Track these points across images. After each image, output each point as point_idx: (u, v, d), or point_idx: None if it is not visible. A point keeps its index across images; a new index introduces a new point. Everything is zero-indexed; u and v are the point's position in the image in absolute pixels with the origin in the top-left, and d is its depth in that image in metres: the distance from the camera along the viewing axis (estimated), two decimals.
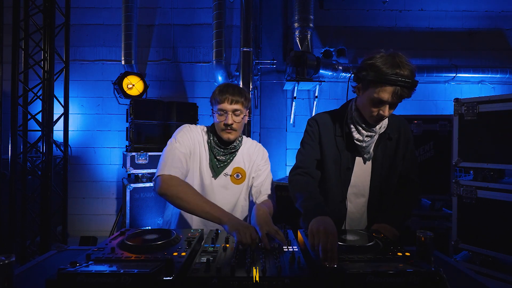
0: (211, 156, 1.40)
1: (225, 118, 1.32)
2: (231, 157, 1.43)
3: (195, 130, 1.43)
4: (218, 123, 1.35)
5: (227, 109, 1.32)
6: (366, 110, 1.21)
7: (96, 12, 4.07)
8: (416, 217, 2.65)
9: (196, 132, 1.42)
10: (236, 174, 1.43)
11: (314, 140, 1.36)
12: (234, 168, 1.44)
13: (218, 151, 1.40)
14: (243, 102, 1.34)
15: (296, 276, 0.77)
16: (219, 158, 1.40)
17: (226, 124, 1.32)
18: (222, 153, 1.40)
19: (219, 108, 1.33)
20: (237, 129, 1.37)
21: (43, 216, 2.95)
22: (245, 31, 3.51)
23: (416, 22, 4.04)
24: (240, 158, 1.46)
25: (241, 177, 1.45)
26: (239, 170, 1.44)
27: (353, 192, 1.36)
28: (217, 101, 1.33)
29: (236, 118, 1.34)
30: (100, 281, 0.73)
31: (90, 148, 4.07)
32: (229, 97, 1.31)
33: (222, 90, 1.33)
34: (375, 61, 1.13)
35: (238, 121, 1.35)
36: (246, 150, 1.49)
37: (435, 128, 2.68)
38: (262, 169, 1.47)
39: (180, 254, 0.89)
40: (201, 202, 1.18)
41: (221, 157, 1.40)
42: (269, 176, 1.49)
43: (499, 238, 2.00)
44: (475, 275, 0.99)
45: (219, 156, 1.40)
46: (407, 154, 1.37)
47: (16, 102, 2.84)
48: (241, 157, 1.47)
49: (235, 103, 1.32)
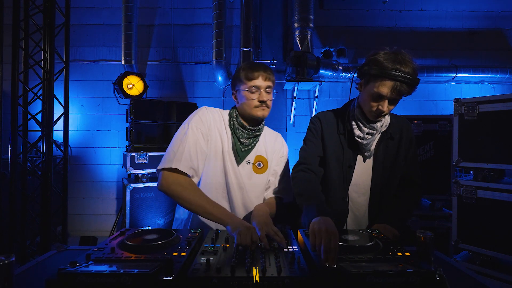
0: (234, 139, 1.33)
1: (258, 95, 1.28)
2: (255, 141, 1.37)
3: (214, 112, 1.35)
4: (251, 101, 1.28)
5: (261, 85, 1.28)
6: (366, 105, 1.23)
7: (96, 12, 4.07)
8: (416, 217, 2.65)
9: (215, 114, 1.35)
10: (258, 163, 1.37)
11: (317, 137, 1.37)
12: (256, 156, 1.37)
13: (242, 133, 1.33)
14: (274, 80, 1.33)
15: (296, 276, 0.77)
16: (243, 141, 1.32)
17: (261, 100, 1.28)
18: (247, 135, 1.33)
19: (252, 85, 1.28)
20: (269, 107, 1.33)
21: (43, 216, 2.95)
22: (245, 31, 3.51)
23: (416, 22, 4.04)
24: (262, 146, 1.41)
25: (263, 166, 1.38)
26: (261, 159, 1.38)
27: (354, 191, 1.36)
28: (249, 78, 1.28)
29: (269, 95, 1.31)
30: (100, 281, 0.73)
31: (90, 148, 4.07)
32: (263, 74, 1.28)
33: (253, 67, 1.29)
34: (378, 56, 1.15)
35: (270, 98, 1.32)
36: (267, 138, 1.44)
37: (435, 128, 2.68)
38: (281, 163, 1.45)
39: (180, 254, 0.89)
40: (204, 202, 1.14)
41: (245, 140, 1.33)
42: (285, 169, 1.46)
43: (499, 238, 2.00)
44: (475, 275, 0.99)
45: (243, 139, 1.32)
46: (409, 155, 1.37)
47: (16, 102, 2.84)
48: (262, 144, 1.41)
49: (268, 80, 1.30)
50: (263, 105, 1.29)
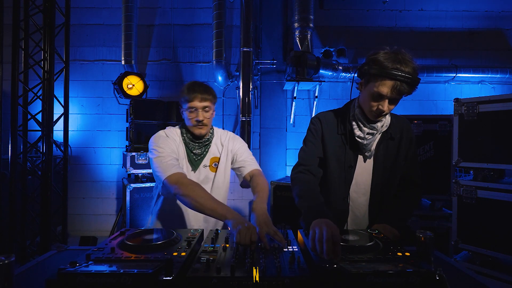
0: (187, 151, 1.49)
1: (196, 115, 1.41)
2: (206, 149, 1.52)
3: (169, 134, 1.49)
4: (189, 120, 1.43)
5: (197, 106, 1.40)
6: (367, 105, 1.23)
7: (96, 12, 4.06)
8: (416, 217, 2.65)
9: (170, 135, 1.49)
10: (214, 164, 1.53)
11: (317, 138, 1.37)
12: (210, 158, 1.53)
13: (193, 146, 1.48)
14: (211, 99, 1.44)
15: (296, 276, 0.77)
16: (195, 152, 1.48)
17: (197, 120, 1.41)
18: (197, 146, 1.49)
19: (190, 106, 1.41)
20: (208, 124, 1.46)
21: (43, 216, 2.95)
22: (245, 31, 3.51)
23: (416, 22, 4.04)
24: (215, 148, 1.55)
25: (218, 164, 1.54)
26: (215, 160, 1.53)
27: (354, 191, 1.36)
28: (187, 100, 1.41)
29: (206, 114, 1.43)
30: (100, 281, 0.73)
31: (90, 148, 4.07)
32: (198, 95, 1.40)
33: (191, 89, 1.41)
34: (378, 56, 1.15)
35: (208, 116, 1.44)
36: (218, 140, 1.57)
37: (435, 128, 2.68)
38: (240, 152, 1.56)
39: (180, 254, 0.89)
40: (208, 200, 1.21)
41: (197, 151, 1.49)
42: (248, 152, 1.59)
43: (499, 238, 2.00)
44: (475, 275, 0.99)
45: (195, 150, 1.48)
46: (409, 155, 1.37)
47: (16, 102, 2.84)
48: (215, 147, 1.55)
49: (204, 101, 1.41)
50: (200, 124, 1.42)
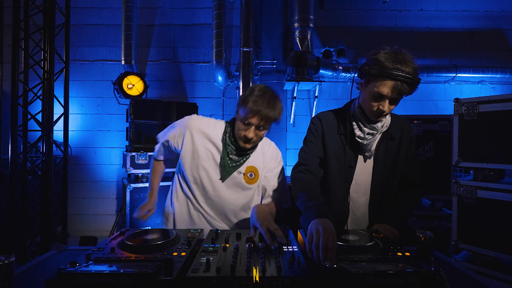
0: (223, 153, 1.32)
1: (247, 130, 1.25)
2: (245, 158, 1.36)
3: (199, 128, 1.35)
4: (239, 131, 1.27)
5: (253, 123, 1.23)
6: (367, 105, 1.23)
7: (96, 12, 4.06)
8: (416, 217, 2.65)
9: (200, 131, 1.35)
10: (250, 173, 1.37)
11: (317, 137, 1.37)
12: (248, 166, 1.37)
13: (231, 150, 1.32)
14: (275, 118, 1.26)
15: (296, 276, 0.76)
16: (231, 157, 1.32)
17: (246, 137, 1.25)
18: (236, 152, 1.33)
19: (246, 118, 1.22)
20: (255, 142, 1.31)
21: (43, 216, 2.94)
22: (245, 31, 3.51)
23: (416, 22, 4.04)
24: (254, 157, 1.40)
25: (254, 177, 1.38)
26: (252, 169, 1.37)
27: (354, 191, 1.36)
28: (246, 111, 1.21)
29: (260, 132, 1.28)
30: (100, 281, 0.73)
31: (90, 148, 4.07)
32: (261, 113, 1.21)
33: (256, 102, 1.20)
34: (378, 56, 1.15)
35: (260, 136, 1.29)
36: (260, 148, 1.42)
37: (435, 128, 2.68)
38: (275, 171, 1.44)
39: (180, 254, 0.89)
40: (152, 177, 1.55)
41: (234, 157, 1.33)
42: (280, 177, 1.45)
43: (499, 238, 2.00)
44: (475, 275, 0.99)
45: (232, 155, 1.32)
46: (409, 155, 1.37)
47: (16, 102, 2.84)
48: (255, 155, 1.40)
49: (265, 120, 1.23)
50: (248, 142, 1.28)
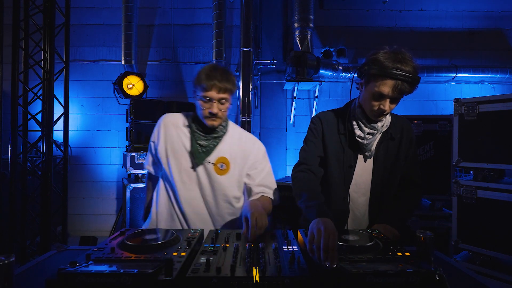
0: (192, 141, 1.33)
1: (210, 106, 1.26)
2: (214, 143, 1.35)
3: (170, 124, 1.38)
4: (203, 110, 1.28)
5: (213, 97, 1.25)
6: (367, 104, 1.23)
7: (96, 12, 4.06)
8: (416, 217, 2.65)
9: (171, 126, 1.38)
10: (220, 164, 1.35)
11: (317, 137, 1.37)
12: (218, 157, 1.35)
13: (199, 136, 1.33)
14: (231, 89, 1.28)
15: (296, 276, 0.76)
16: (200, 143, 1.33)
17: (211, 112, 1.26)
18: (204, 138, 1.34)
19: (205, 95, 1.24)
20: (222, 117, 1.32)
21: (43, 216, 2.94)
22: (245, 31, 3.51)
23: (416, 22, 4.04)
24: (226, 148, 1.38)
25: (225, 168, 1.36)
26: (223, 160, 1.35)
27: (354, 191, 1.36)
28: (203, 88, 1.24)
29: (222, 106, 1.28)
30: (100, 281, 0.73)
31: (90, 148, 4.07)
32: (217, 84, 1.23)
33: (209, 75, 1.23)
34: (378, 56, 1.15)
35: (223, 109, 1.29)
36: (236, 141, 1.41)
37: (435, 128, 2.68)
38: (259, 167, 1.42)
39: (180, 254, 0.89)
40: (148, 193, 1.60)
41: (203, 142, 1.33)
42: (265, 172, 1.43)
43: (499, 238, 2.00)
44: (475, 275, 0.99)
45: (200, 141, 1.33)
46: (409, 155, 1.37)
47: (16, 102, 2.84)
48: (228, 146, 1.38)
49: (223, 92, 1.25)
50: (213, 117, 1.28)
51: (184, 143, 1.36)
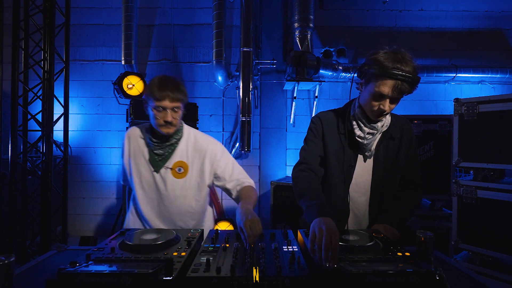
0: (150, 152, 1.41)
1: (164, 115, 1.31)
2: (170, 150, 1.41)
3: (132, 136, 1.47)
4: (157, 120, 1.33)
5: (167, 106, 1.30)
6: (367, 104, 1.23)
7: (96, 12, 4.06)
8: (416, 217, 2.65)
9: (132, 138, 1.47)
10: (178, 168, 1.41)
11: (318, 137, 1.37)
12: (175, 162, 1.41)
13: (155, 146, 1.39)
14: (183, 99, 1.34)
15: (296, 276, 0.77)
16: (157, 153, 1.39)
17: (166, 121, 1.32)
18: (159, 147, 1.39)
19: (159, 105, 1.30)
20: (176, 125, 1.37)
21: (43, 216, 2.94)
22: (245, 31, 3.51)
23: (416, 22, 4.04)
24: (183, 152, 1.43)
25: (183, 172, 1.42)
26: (180, 164, 1.42)
27: (354, 190, 1.36)
28: (156, 98, 1.29)
29: (175, 114, 1.34)
30: (100, 281, 0.73)
31: (90, 148, 4.07)
32: (169, 95, 1.29)
33: (161, 86, 1.29)
34: (378, 56, 1.15)
35: (177, 117, 1.35)
36: (191, 143, 1.45)
37: (435, 128, 2.69)
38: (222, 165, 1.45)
39: (180, 254, 0.89)
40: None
41: (159, 151, 1.39)
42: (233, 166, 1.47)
43: (499, 238, 2.00)
44: (475, 275, 0.99)
45: (156, 151, 1.39)
46: (409, 155, 1.37)
47: (16, 102, 2.84)
48: (185, 150, 1.43)
49: (175, 101, 1.31)
50: (168, 125, 1.33)
51: (143, 152, 1.43)
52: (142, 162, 1.42)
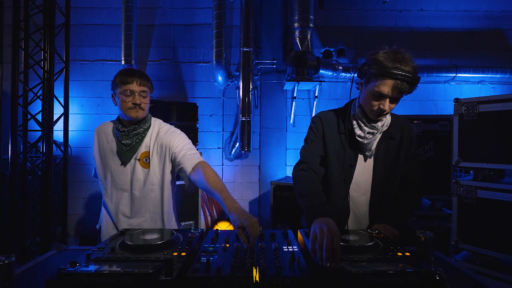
0: (118, 143, 1.45)
1: (132, 98, 1.38)
2: (137, 140, 1.45)
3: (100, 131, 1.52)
4: (125, 103, 1.38)
5: (135, 90, 1.38)
6: (367, 104, 1.24)
7: (96, 12, 4.06)
8: (416, 217, 2.65)
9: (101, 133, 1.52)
10: (145, 158, 1.46)
11: (318, 136, 1.38)
12: (142, 152, 1.46)
13: (122, 136, 1.43)
14: (149, 86, 1.43)
15: (296, 276, 0.77)
16: (124, 143, 1.43)
17: (134, 103, 1.37)
18: (126, 136, 1.43)
19: (127, 88, 1.37)
20: (145, 109, 1.42)
21: (43, 216, 2.94)
22: (245, 31, 3.51)
23: (416, 22, 4.04)
24: (149, 142, 1.48)
25: (149, 161, 1.47)
26: (147, 154, 1.47)
27: (354, 190, 1.37)
28: (124, 82, 1.37)
29: (144, 99, 1.41)
30: (100, 281, 0.73)
31: (90, 148, 4.04)
32: (137, 80, 1.38)
33: (128, 73, 1.39)
34: (378, 55, 1.16)
35: (145, 102, 1.41)
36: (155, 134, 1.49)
37: (435, 128, 2.69)
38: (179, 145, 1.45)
39: (180, 254, 0.89)
40: None
41: (127, 141, 1.43)
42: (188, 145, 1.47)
43: (499, 238, 2.00)
44: (475, 275, 0.99)
45: (124, 141, 1.43)
46: (410, 155, 1.37)
47: (16, 102, 2.84)
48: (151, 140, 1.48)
49: (143, 86, 1.39)
50: (137, 108, 1.39)
51: (111, 146, 1.48)
52: (112, 156, 1.47)
